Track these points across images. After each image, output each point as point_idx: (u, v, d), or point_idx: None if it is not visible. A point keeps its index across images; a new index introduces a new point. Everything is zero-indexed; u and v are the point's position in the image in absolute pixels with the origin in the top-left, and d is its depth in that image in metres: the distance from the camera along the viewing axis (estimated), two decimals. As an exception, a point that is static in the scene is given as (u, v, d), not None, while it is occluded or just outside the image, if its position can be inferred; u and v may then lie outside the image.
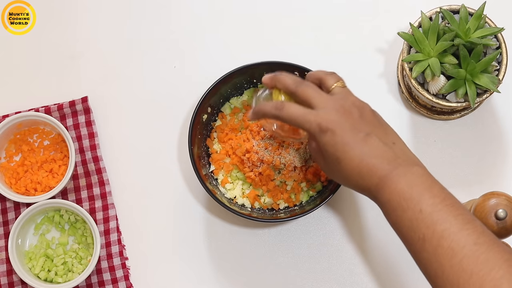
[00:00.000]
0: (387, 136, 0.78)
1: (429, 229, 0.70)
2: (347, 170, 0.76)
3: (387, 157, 0.75)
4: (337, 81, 0.81)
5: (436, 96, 0.93)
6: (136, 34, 1.06)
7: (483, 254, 0.67)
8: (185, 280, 1.01)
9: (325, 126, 0.76)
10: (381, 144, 0.76)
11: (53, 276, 0.99)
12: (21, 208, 1.01)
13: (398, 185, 0.73)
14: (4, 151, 1.02)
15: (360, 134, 0.76)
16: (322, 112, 0.77)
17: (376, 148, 0.75)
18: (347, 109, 0.77)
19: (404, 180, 0.73)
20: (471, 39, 0.89)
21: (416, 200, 0.71)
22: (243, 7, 1.07)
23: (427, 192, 0.72)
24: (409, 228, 0.71)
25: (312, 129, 0.77)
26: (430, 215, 0.70)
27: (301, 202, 0.98)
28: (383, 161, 0.75)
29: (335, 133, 0.76)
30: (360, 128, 0.77)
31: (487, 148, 1.02)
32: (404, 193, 0.72)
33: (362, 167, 0.75)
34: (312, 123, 0.77)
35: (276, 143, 0.96)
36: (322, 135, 0.76)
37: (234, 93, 1.01)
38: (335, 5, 1.06)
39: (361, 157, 0.75)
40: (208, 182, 0.95)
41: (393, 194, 0.73)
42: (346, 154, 0.76)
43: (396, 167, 0.74)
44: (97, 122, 1.04)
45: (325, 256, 1.00)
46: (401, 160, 0.75)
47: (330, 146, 0.76)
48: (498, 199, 0.84)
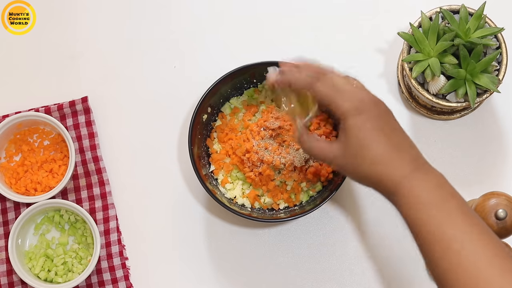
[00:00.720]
0: (407, 139, 0.78)
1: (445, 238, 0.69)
2: (369, 158, 0.75)
3: (410, 154, 0.75)
4: (354, 80, 0.80)
5: (436, 96, 0.93)
6: (136, 34, 1.06)
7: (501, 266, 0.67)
8: (185, 280, 1.01)
9: (359, 107, 0.75)
10: (406, 140, 0.76)
11: (53, 276, 0.99)
12: (21, 208, 1.01)
13: (418, 187, 0.73)
14: (4, 151, 1.02)
15: (388, 126, 0.76)
16: (354, 96, 0.76)
17: (402, 143, 0.76)
18: (377, 100, 0.77)
19: (425, 184, 0.73)
20: (471, 39, 0.89)
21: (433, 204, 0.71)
22: (243, 7, 1.07)
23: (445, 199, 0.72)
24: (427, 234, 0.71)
25: (345, 108, 0.75)
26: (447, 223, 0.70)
27: (301, 202, 0.98)
28: (407, 157, 0.75)
29: (367, 117, 0.75)
30: (387, 120, 0.76)
31: (487, 148, 1.02)
32: (422, 195, 0.72)
33: (386, 157, 0.74)
34: (344, 103, 0.75)
35: (276, 143, 0.96)
36: (353, 117, 0.75)
37: (234, 93, 1.01)
38: (335, 5, 1.06)
39: (388, 147, 0.74)
40: (208, 182, 0.95)
41: (412, 196, 0.72)
42: (374, 140, 0.74)
43: (418, 169, 0.74)
44: (97, 122, 1.04)
45: (325, 256, 1.00)
46: (421, 162, 0.76)
47: (358, 130, 0.75)
48: (498, 199, 0.84)
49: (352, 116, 0.75)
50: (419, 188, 0.73)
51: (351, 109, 0.75)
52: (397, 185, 0.73)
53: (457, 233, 0.69)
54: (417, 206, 0.72)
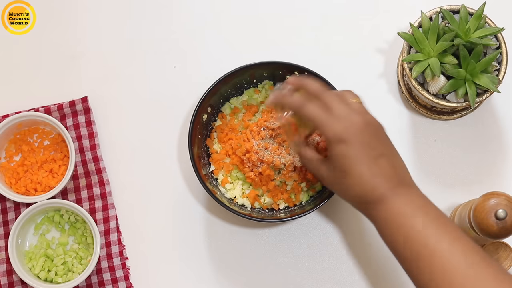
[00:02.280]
0: (395, 159, 0.80)
1: (421, 246, 0.72)
2: (351, 184, 0.78)
3: (391, 179, 0.78)
4: (355, 97, 0.83)
5: (436, 96, 0.93)
6: (137, 34, 1.06)
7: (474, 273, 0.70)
8: (185, 280, 1.01)
9: (342, 136, 0.78)
10: (389, 166, 0.78)
11: (53, 276, 0.99)
12: (21, 208, 1.01)
13: (396, 204, 0.76)
14: (4, 151, 1.02)
15: (373, 153, 0.78)
16: (342, 121, 0.79)
17: (384, 169, 0.78)
18: (365, 126, 0.79)
19: (403, 200, 0.76)
20: (471, 39, 0.89)
21: (409, 216, 0.74)
22: (243, 8, 1.07)
23: (420, 210, 0.75)
24: (404, 244, 0.74)
25: (329, 135, 0.79)
26: (423, 231, 0.73)
27: (301, 202, 0.98)
28: (387, 182, 0.77)
29: (350, 146, 0.78)
30: (374, 146, 0.79)
31: (487, 148, 1.02)
32: (399, 210, 0.75)
33: (367, 184, 0.77)
34: (330, 129, 0.79)
35: (276, 143, 0.96)
36: (337, 144, 0.78)
37: (234, 93, 1.01)
38: (335, 5, 1.06)
39: (369, 175, 0.77)
40: (208, 182, 0.95)
41: (389, 212, 0.76)
42: (355, 169, 0.78)
43: (398, 188, 0.77)
44: (97, 122, 1.04)
45: (325, 256, 1.00)
46: (403, 183, 0.78)
47: (342, 157, 0.78)
48: (498, 199, 0.84)
49: (336, 143, 0.78)
50: (397, 202, 0.76)
51: (336, 136, 0.78)
52: (377, 202, 0.77)
53: (431, 237, 0.73)
54: (393, 216, 0.76)
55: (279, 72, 0.98)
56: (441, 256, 0.71)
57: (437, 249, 0.72)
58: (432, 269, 0.71)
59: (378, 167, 0.78)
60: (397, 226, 0.75)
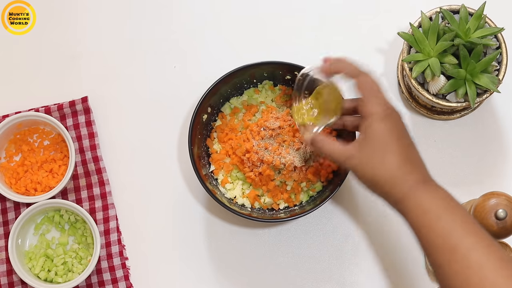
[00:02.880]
0: (419, 154, 0.81)
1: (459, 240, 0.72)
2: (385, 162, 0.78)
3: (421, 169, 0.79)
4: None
5: (436, 96, 0.93)
6: (137, 34, 1.06)
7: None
8: (185, 280, 1.01)
9: (389, 115, 0.79)
10: (418, 158, 0.80)
11: (53, 276, 0.99)
12: (21, 208, 1.01)
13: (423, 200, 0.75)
14: (4, 151, 1.02)
15: (406, 140, 0.79)
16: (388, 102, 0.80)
17: (416, 157, 0.79)
18: (399, 115, 0.80)
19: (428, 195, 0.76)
20: (471, 39, 0.89)
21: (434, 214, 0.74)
22: (243, 8, 1.07)
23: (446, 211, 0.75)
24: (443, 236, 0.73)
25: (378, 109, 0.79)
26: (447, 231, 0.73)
27: (301, 202, 0.98)
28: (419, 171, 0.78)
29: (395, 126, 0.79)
30: (406, 136, 0.80)
31: (487, 148, 1.02)
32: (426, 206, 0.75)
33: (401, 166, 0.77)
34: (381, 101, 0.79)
35: (276, 143, 0.96)
36: (383, 121, 0.78)
37: (234, 93, 1.01)
38: (335, 5, 1.06)
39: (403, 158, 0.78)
40: (208, 182, 0.95)
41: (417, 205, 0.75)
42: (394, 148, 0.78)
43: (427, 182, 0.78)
44: (97, 122, 1.04)
45: (325, 256, 1.00)
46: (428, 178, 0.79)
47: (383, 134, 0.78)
48: (498, 199, 0.84)
49: (380, 119, 0.79)
50: (427, 199, 0.75)
51: (381, 112, 0.79)
52: (405, 194, 0.76)
53: (463, 239, 0.72)
54: (424, 215, 0.74)
55: (279, 72, 0.98)
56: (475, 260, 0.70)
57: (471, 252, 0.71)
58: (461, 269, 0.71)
59: (412, 153, 0.79)
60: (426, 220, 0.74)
